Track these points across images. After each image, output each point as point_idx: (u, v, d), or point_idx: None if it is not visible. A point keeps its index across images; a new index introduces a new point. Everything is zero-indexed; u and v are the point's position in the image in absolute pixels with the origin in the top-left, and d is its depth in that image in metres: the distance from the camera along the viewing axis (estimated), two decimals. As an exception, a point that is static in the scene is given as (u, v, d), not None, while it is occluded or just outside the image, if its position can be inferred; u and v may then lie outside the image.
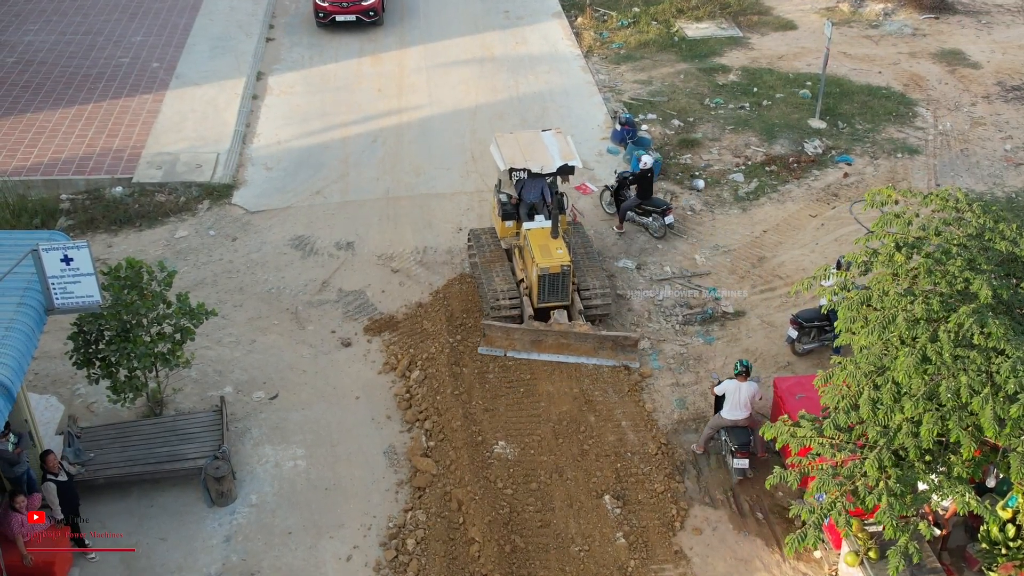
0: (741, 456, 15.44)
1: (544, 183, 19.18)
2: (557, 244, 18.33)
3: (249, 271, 20.50)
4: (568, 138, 19.64)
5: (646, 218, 21.30)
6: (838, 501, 11.79)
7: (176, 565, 14.57)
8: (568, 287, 18.26)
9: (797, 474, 12.21)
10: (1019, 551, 13.65)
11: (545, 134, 19.67)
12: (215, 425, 16.22)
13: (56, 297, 14.16)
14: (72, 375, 17.52)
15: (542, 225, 18.84)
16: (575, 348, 17.79)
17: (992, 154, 24.77)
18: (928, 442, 11.55)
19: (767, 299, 19.72)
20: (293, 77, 28.18)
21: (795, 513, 12.24)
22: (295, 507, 15.49)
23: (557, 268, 17.97)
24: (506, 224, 19.52)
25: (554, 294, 18.27)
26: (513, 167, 18.84)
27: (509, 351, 17.87)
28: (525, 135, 19.82)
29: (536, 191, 19.20)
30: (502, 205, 19.57)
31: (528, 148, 19.18)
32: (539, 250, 18.20)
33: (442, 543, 14.77)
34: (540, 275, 17.99)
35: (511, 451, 16.30)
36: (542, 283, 18.10)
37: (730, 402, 15.61)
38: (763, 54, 29.85)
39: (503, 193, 19.77)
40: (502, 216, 19.50)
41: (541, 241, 18.42)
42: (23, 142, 24.21)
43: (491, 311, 18.33)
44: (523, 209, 19.22)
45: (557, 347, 17.82)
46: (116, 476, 15.45)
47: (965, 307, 11.92)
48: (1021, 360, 11.41)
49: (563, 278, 18.12)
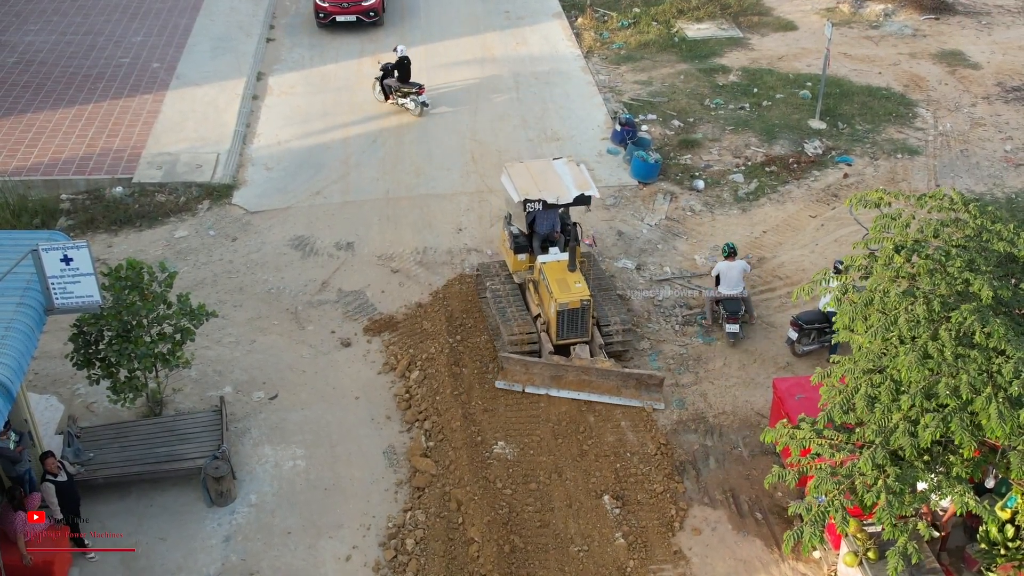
0: (732, 322, 18.34)
1: (556, 214, 18.59)
2: (575, 278, 17.68)
3: (249, 271, 20.52)
4: (582, 166, 18.91)
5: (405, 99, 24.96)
6: (836, 499, 11.79)
7: (176, 565, 14.58)
8: (588, 322, 17.58)
9: (795, 473, 12.23)
10: (1018, 552, 13.64)
11: (557, 163, 18.92)
12: (215, 425, 16.24)
13: (56, 297, 14.18)
14: (72, 375, 17.54)
15: (558, 258, 18.13)
16: (597, 385, 17.05)
17: (992, 155, 24.77)
18: (926, 441, 11.55)
19: (767, 300, 19.73)
20: (294, 77, 28.20)
21: (793, 512, 12.26)
22: (294, 507, 15.51)
23: (577, 303, 17.30)
24: (519, 257, 18.72)
25: (573, 330, 17.58)
26: (528, 199, 17.85)
27: (528, 386, 17.17)
28: (536, 164, 19.05)
29: (549, 222, 18.59)
30: (514, 238, 18.76)
31: (541, 178, 18.32)
32: (557, 284, 17.50)
33: (441, 543, 14.78)
34: (559, 311, 17.29)
35: (510, 451, 16.31)
36: (561, 319, 17.39)
37: (724, 280, 18.57)
38: (763, 55, 29.86)
39: (513, 226, 18.90)
40: (514, 249, 18.70)
41: (558, 275, 17.72)
42: (23, 142, 24.24)
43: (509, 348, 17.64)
44: (536, 242, 18.53)
45: (578, 384, 17.07)
46: (115, 476, 15.48)
47: (967, 305, 11.93)
48: (1023, 360, 11.41)
49: (583, 313, 17.43)
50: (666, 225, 21.92)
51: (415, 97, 25.58)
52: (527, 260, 18.77)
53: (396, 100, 25.76)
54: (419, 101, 25.61)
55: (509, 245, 18.86)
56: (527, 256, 18.73)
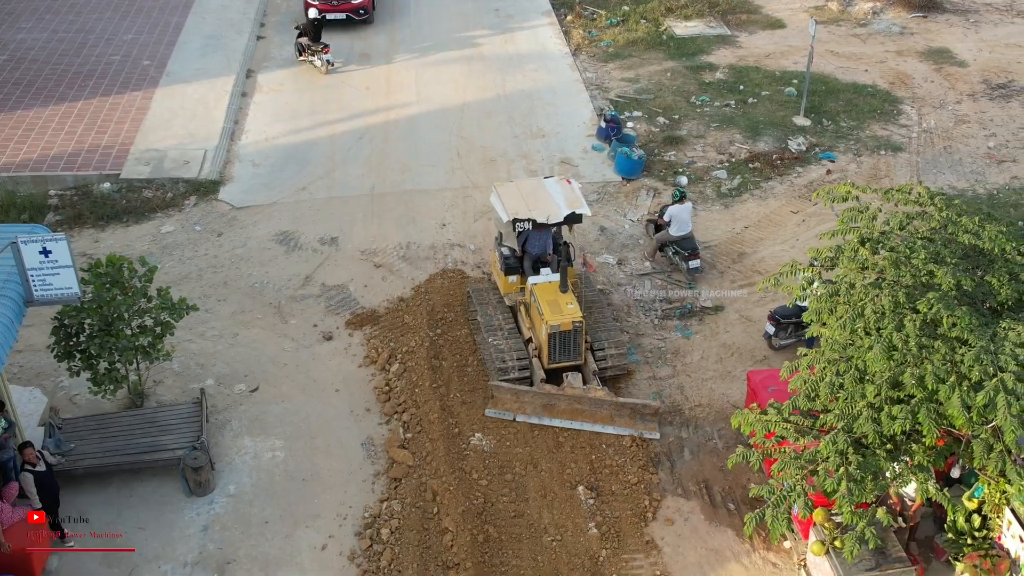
0: (694, 258, 19.82)
1: (549, 234, 18.29)
2: (567, 299, 17.20)
3: (233, 266, 20.70)
4: (574, 185, 18.47)
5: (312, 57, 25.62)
6: (798, 484, 11.97)
7: (154, 554, 14.76)
8: (581, 345, 17.13)
9: (759, 454, 12.42)
10: (984, 541, 13.83)
11: (548, 181, 18.58)
12: (195, 417, 16.42)
13: (35, 289, 14.39)
14: (55, 368, 17.68)
15: (549, 279, 17.66)
16: (590, 414, 16.58)
17: (975, 151, 24.92)
18: (889, 429, 11.72)
19: (747, 294, 19.89)
20: (283, 75, 28.38)
21: (755, 493, 12.43)
22: (272, 497, 15.69)
23: (568, 325, 16.85)
24: (509, 279, 18.30)
25: (566, 353, 17.11)
26: (517, 218, 17.49)
27: (519, 415, 16.76)
28: (527, 184, 18.72)
29: (541, 243, 18.24)
30: (504, 259, 18.36)
31: (531, 197, 17.97)
32: (548, 306, 17.05)
33: (416, 532, 14.96)
34: (550, 333, 16.84)
35: (487, 443, 16.49)
36: (552, 342, 16.95)
37: (677, 222, 19.86)
38: (751, 52, 30.02)
39: (504, 246, 18.58)
40: (505, 271, 18.28)
41: (550, 296, 17.25)
42: (12, 139, 24.43)
43: (498, 376, 17.23)
44: (528, 263, 18.23)
45: (570, 412, 16.63)
46: (96, 466, 15.65)
47: (933, 293, 12.12)
48: (984, 349, 11.61)
49: (575, 335, 16.98)
50: (648, 221, 22.05)
51: (321, 56, 27.82)
52: (518, 282, 18.30)
53: (307, 58, 28.07)
54: (324, 59, 27.86)
55: (500, 267, 18.39)
56: (518, 278, 18.28)
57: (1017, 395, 11.21)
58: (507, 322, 18.03)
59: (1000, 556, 13.60)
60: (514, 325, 18.04)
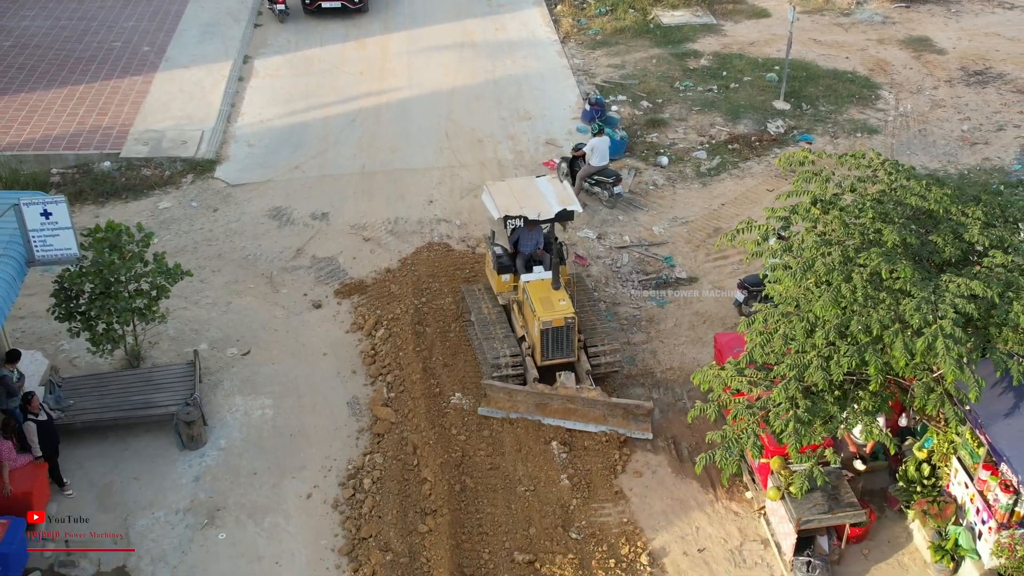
0: (617, 183, 22.06)
1: (541, 232, 18.32)
2: (559, 296, 17.18)
3: (228, 239, 21.51)
4: (565, 183, 18.74)
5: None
6: (750, 428, 12.76)
7: (147, 501, 15.58)
8: (574, 342, 17.12)
9: (716, 407, 13.19)
10: (933, 488, 14.60)
11: (540, 180, 18.72)
12: (188, 376, 17.22)
13: (36, 249, 15.23)
14: (56, 332, 18.53)
15: (542, 276, 17.64)
16: (583, 414, 16.65)
17: (949, 134, 25.68)
18: (838, 375, 12.50)
19: (719, 267, 20.68)
20: (279, 61, 29.20)
21: (710, 439, 13.20)
22: (261, 451, 16.50)
23: (561, 321, 16.86)
24: (502, 278, 18.28)
25: (559, 350, 17.11)
26: (508, 215, 17.64)
27: (512, 413, 16.84)
28: (518, 182, 18.84)
29: (533, 241, 18.23)
30: (497, 258, 18.39)
31: (523, 195, 18.07)
32: (540, 303, 17.05)
33: (397, 482, 15.75)
34: (543, 330, 16.84)
35: (466, 402, 17.27)
36: (545, 338, 16.94)
37: (597, 153, 21.84)
38: (735, 40, 30.80)
39: (497, 245, 18.61)
40: (498, 269, 18.27)
41: (542, 294, 17.25)
42: (17, 120, 25.26)
43: (491, 374, 17.22)
44: (520, 261, 18.18)
45: (563, 412, 16.68)
46: (93, 421, 16.46)
47: (875, 249, 12.91)
48: (925, 299, 12.38)
49: (567, 332, 16.98)
50: (629, 198, 22.85)
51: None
52: (511, 280, 18.32)
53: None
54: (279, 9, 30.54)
55: (493, 266, 18.44)
56: (511, 276, 18.31)
57: (955, 339, 11.98)
58: (500, 320, 18.06)
59: (946, 501, 14.38)
60: (507, 324, 18.06)
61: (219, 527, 15.22)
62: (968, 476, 14.05)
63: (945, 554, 14.13)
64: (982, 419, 12.94)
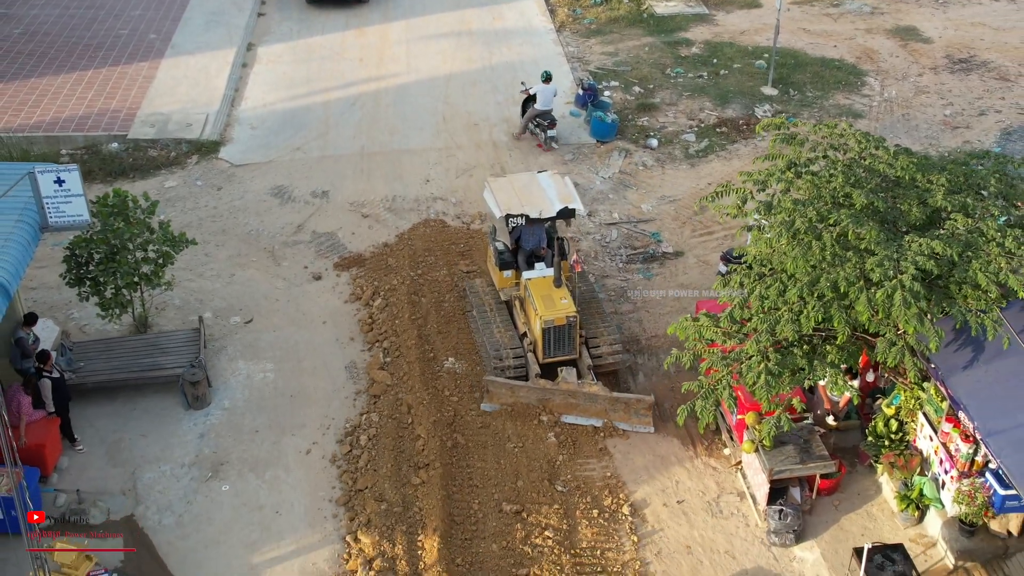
0: (551, 127, 24.29)
1: (543, 229, 18.35)
2: (561, 294, 17.26)
3: (231, 216, 22.31)
4: (566, 179, 18.75)
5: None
6: (724, 379, 13.55)
7: (154, 456, 16.38)
8: (575, 339, 17.22)
9: (692, 355, 13.99)
10: (900, 442, 15.37)
11: (541, 176, 18.73)
12: (193, 341, 18.02)
13: (50, 216, 15.99)
14: (67, 302, 19.36)
15: (543, 274, 17.75)
16: (584, 409, 16.78)
17: (932, 118, 26.44)
18: (808, 328, 13.28)
19: (704, 241, 21.45)
20: (281, 48, 30.01)
21: (687, 388, 14.00)
22: (263, 411, 17.29)
23: (562, 319, 16.94)
24: (504, 274, 18.36)
25: (560, 348, 17.23)
26: (510, 213, 17.64)
27: None
28: (520, 178, 18.85)
29: (535, 238, 18.27)
30: (499, 254, 18.49)
31: (524, 192, 18.11)
32: (542, 301, 17.12)
33: (391, 439, 16.54)
34: (544, 328, 16.93)
35: (459, 367, 18.05)
36: (547, 336, 17.04)
37: (542, 98, 24.05)
38: (726, 29, 31.57)
39: (499, 241, 18.74)
40: (500, 266, 18.36)
41: (543, 291, 17.33)
42: (27, 103, 26.08)
43: (494, 371, 17.39)
44: (522, 257, 18.22)
45: (565, 407, 16.83)
46: (103, 382, 17.27)
47: (844, 210, 13.71)
48: (888, 257, 13.18)
49: (569, 330, 17.06)
50: (618, 178, 23.66)
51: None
52: (513, 277, 18.40)
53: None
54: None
55: (495, 262, 18.55)
56: (513, 273, 18.39)
57: (914, 293, 12.76)
58: (502, 317, 18.25)
59: (912, 454, 15.15)
60: (509, 319, 18.22)
61: (222, 479, 16.02)
62: (933, 429, 14.82)
63: (911, 503, 14.89)
64: (942, 372, 13.71)
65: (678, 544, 15.04)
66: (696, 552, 14.92)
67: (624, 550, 14.87)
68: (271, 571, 14.64)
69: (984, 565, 14.24)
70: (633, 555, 14.79)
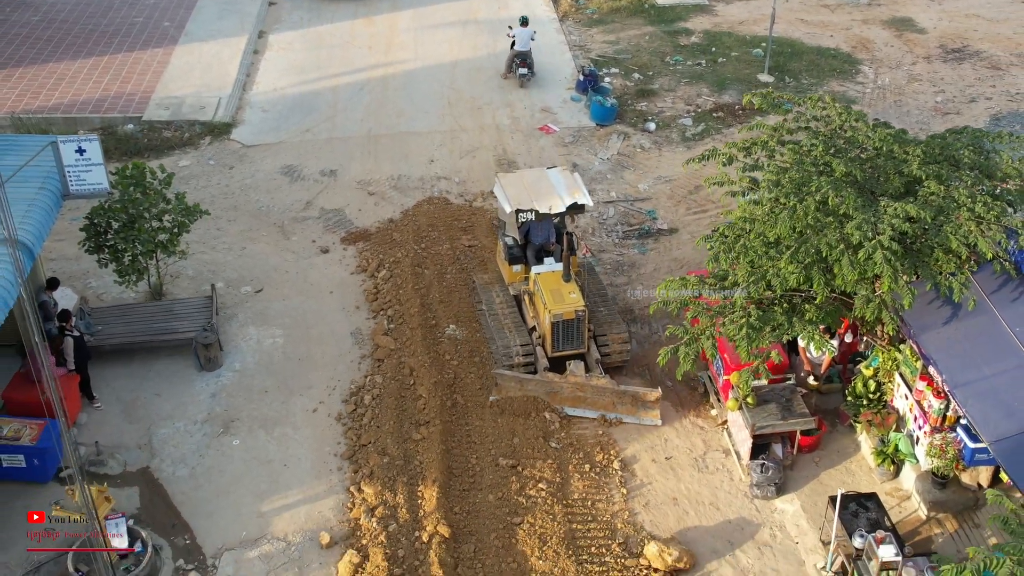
0: (523, 67, 27.18)
1: (551, 223, 18.57)
2: (570, 288, 17.46)
3: (243, 193, 23.17)
4: (576, 175, 18.86)
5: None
6: (708, 329, 14.38)
7: (168, 414, 17.23)
8: (584, 333, 17.40)
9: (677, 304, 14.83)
10: (878, 401, 16.14)
11: (551, 172, 18.88)
12: (206, 308, 18.87)
13: (71, 184, 16.87)
14: (85, 272, 20.23)
15: (552, 268, 17.93)
16: (592, 402, 17.01)
17: (923, 105, 27.16)
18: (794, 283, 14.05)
19: (698, 219, 22.22)
20: (292, 36, 30.87)
21: (670, 333, 14.83)
22: (272, 373, 18.12)
23: (571, 314, 17.12)
24: (513, 269, 18.58)
25: (569, 342, 17.41)
26: (520, 208, 17.88)
27: None
28: (530, 174, 19.05)
29: (544, 233, 18.51)
30: (508, 249, 18.67)
31: (534, 188, 18.30)
32: (551, 295, 17.32)
33: (394, 399, 17.35)
34: (553, 322, 17.13)
35: (460, 333, 18.86)
36: (556, 330, 17.23)
37: (519, 39, 27.05)
38: (726, 20, 32.33)
39: (508, 236, 18.91)
40: (509, 260, 18.58)
41: (553, 285, 17.52)
42: (45, 86, 26.98)
43: (503, 364, 17.62)
44: (531, 252, 18.48)
45: (573, 400, 17.07)
46: (121, 344, 18.13)
47: (824, 178, 14.52)
48: (865, 220, 13.97)
49: (578, 324, 17.25)
50: (617, 159, 24.46)
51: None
52: (522, 271, 18.59)
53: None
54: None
55: (504, 256, 18.81)
56: (522, 267, 18.57)
57: (892, 251, 13.57)
58: (511, 311, 18.50)
59: (889, 412, 15.91)
60: (518, 314, 18.44)
61: (233, 435, 16.86)
62: (908, 388, 15.57)
63: (887, 458, 15.65)
64: (915, 331, 14.48)
65: (665, 496, 15.83)
66: (682, 503, 15.71)
67: (614, 501, 15.66)
68: (279, 519, 15.46)
69: (955, 516, 14.99)
70: (622, 506, 15.58)
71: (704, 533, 15.26)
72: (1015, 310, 14.04)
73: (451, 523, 15.08)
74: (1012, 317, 13.96)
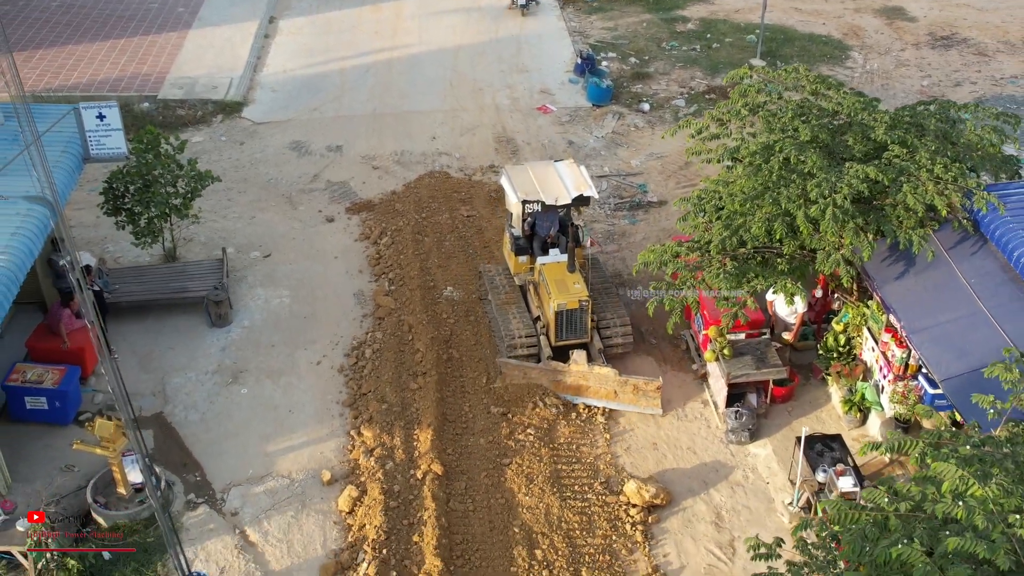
0: None
1: (556, 215, 18.85)
2: (574, 279, 17.78)
3: (253, 166, 24.29)
4: (582, 168, 18.81)
5: None
6: (689, 281, 15.43)
7: (181, 365, 18.33)
8: (587, 324, 17.74)
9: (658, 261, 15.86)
10: (848, 355, 17.13)
11: (558, 164, 19.04)
12: (217, 270, 19.98)
13: (92, 148, 18.02)
14: (103, 238, 21.36)
15: (558, 259, 18.28)
16: (594, 391, 17.36)
17: (909, 88, 28.12)
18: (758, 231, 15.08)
19: (687, 192, 23.14)
20: (301, 21, 32.00)
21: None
22: (279, 329, 19.22)
23: (575, 304, 17.42)
24: (519, 259, 18.89)
25: (572, 331, 17.73)
26: (527, 199, 18.20)
27: None
28: (537, 166, 19.26)
29: (550, 224, 18.80)
30: (515, 240, 18.93)
31: (541, 179, 18.48)
32: (555, 285, 17.63)
33: (393, 352, 18.42)
34: (557, 312, 17.42)
35: (457, 295, 19.93)
36: (559, 320, 17.53)
37: None
38: (722, 8, 33.33)
39: (514, 227, 19.16)
40: (515, 251, 18.83)
41: (557, 276, 17.85)
42: (64, 67, 28.16)
43: (507, 352, 17.93)
44: (537, 243, 18.70)
45: (576, 388, 17.43)
46: (136, 301, 19.25)
47: (789, 139, 15.55)
48: (826, 180, 15.00)
49: (581, 314, 17.57)
50: (611, 137, 25.49)
51: None
52: (528, 262, 18.88)
53: None
54: None
55: (510, 247, 19.06)
56: (528, 258, 18.86)
57: (844, 210, 14.58)
58: (516, 300, 18.83)
59: (857, 364, 16.91)
60: (523, 303, 18.78)
61: (241, 384, 17.96)
62: (875, 341, 16.57)
63: (854, 406, 16.65)
64: (877, 282, 15.49)
65: (646, 441, 16.86)
66: (661, 448, 16.74)
67: (597, 445, 16.71)
68: (283, 459, 16.55)
69: (916, 459, 15.93)
70: (605, 449, 16.62)
71: (681, 474, 16.29)
72: (971, 263, 15.03)
73: (444, 463, 16.14)
74: (968, 270, 14.95)
